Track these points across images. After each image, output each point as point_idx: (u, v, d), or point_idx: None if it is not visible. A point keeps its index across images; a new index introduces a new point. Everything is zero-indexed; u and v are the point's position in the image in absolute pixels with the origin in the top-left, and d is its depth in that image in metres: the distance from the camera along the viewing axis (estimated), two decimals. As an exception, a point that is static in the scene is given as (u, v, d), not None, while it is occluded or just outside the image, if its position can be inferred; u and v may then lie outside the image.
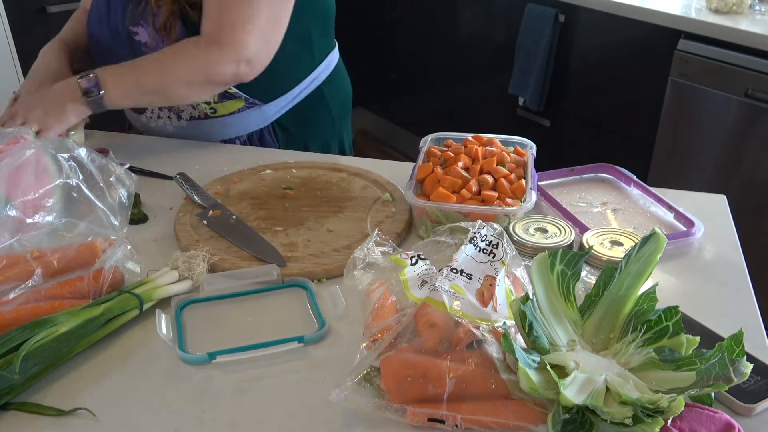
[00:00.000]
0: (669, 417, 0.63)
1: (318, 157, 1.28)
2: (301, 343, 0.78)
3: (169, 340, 0.78)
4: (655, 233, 0.73)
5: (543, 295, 0.73)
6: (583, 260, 0.75)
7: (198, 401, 0.72)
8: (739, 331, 0.66)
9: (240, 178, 1.16)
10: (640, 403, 0.61)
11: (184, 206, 1.07)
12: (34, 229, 0.93)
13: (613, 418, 0.61)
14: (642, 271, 0.72)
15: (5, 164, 0.93)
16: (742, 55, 1.93)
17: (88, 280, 0.85)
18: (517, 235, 0.90)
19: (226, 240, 0.98)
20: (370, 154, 3.57)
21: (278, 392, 0.73)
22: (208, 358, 0.76)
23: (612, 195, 1.13)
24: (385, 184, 1.13)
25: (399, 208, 1.06)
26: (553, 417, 0.63)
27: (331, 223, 1.02)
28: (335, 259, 0.93)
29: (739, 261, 0.96)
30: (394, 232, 0.99)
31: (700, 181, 2.16)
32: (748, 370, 0.63)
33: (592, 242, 0.88)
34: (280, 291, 0.89)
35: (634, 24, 2.19)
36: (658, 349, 0.69)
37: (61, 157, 0.95)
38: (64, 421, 0.70)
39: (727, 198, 1.12)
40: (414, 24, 3.20)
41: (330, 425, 0.69)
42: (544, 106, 2.58)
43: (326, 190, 1.13)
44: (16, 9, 2.53)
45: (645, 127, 2.26)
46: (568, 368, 0.66)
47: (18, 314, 0.80)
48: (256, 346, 0.78)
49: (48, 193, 0.95)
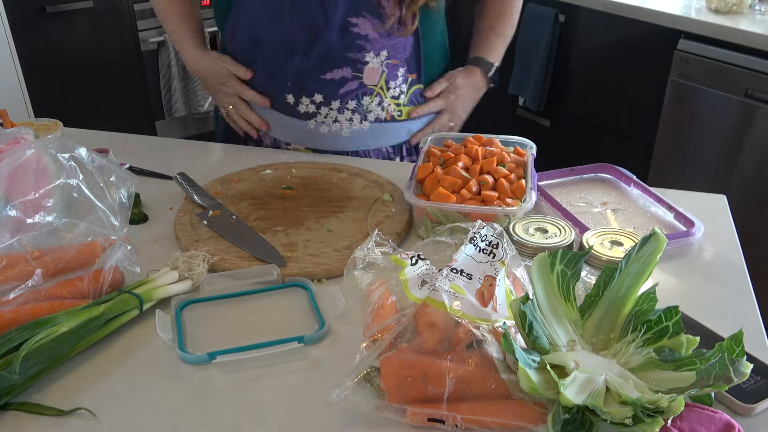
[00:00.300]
0: (669, 417, 0.63)
1: (318, 157, 1.28)
2: (301, 343, 0.78)
3: (169, 340, 0.78)
4: (655, 233, 0.73)
5: (543, 296, 0.73)
6: (583, 260, 0.75)
7: (198, 401, 0.72)
8: (739, 331, 0.66)
9: (240, 178, 1.16)
10: (640, 403, 0.61)
11: (184, 206, 1.07)
12: (34, 229, 0.93)
13: (613, 418, 0.61)
14: (642, 271, 0.72)
15: (5, 164, 0.93)
16: (742, 55, 1.93)
17: (88, 280, 0.85)
18: (517, 235, 0.90)
19: (226, 240, 0.98)
20: (370, 154, 3.57)
21: (278, 392, 0.73)
22: (208, 358, 0.76)
23: (612, 195, 1.13)
24: (385, 184, 1.13)
25: (399, 208, 1.06)
26: (553, 417, 0.63)
27: (331, 223, 1.02)
28: (335, 259, 0.93)
29: (739, 261, 0.96)
30: (394, 232, 0.99)
31: (700, 181, 2.16)
32: (748, 370, 0.63)
33: (592, 242, 0.88)
34: (280, 291, 0.89)
35: (634, 24, 2.19)
36: (658, 349, 0.69)
37: (61, 157, 0.95)
38: (64, 421, 0.70)
39: (727, 198, 1.13)
40: (414, 24, 3.20)
41: (330, 425, 0.69)
42: (544, 106, 2.59)
43: (326, 190, 1.12)
44: (16, 9, 2.53)
45: (645, 127, 2.26)
46: (568, 368, 0.66)
47: (18, 314, 0.80)
48: (256, 346, 0.78)
49: (48, 193, 0.95)
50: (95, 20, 2.74)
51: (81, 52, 2.75)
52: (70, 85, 2.77)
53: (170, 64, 2.91)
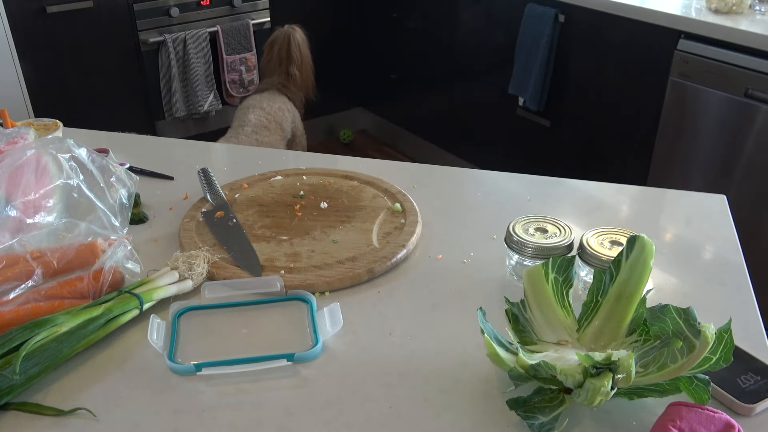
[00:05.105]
0: (620, 374, 0.63)
1: (330, 163, 1.25)
2: (290, 361, 0.76)
3: (159, 347, 0.77)
4: (639, 238, 0.73)
5: (536, 304, 0.75)
6: (572, 265, 0.75)
7: (198, 401, 0.72)
8: (728, 320, 0.66)
9: (249, 183, 1.15)
10: (593, 361, 0.63)
11: (189, 212, 1.06)
12: (35, 229, 0.93)
13: (564, 373, 0.63)
14: (639, 280, 0.72)
15: (6, 164, 0.93)
16: (742, 55, 1.93)
17: (88, 280, 0.85)
18: (517, 235, 0.90)
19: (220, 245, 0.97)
20: (370, 154, 3.57)
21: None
22: (194, 369, 0.75)
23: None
24: (396, 194, 1.11)
25: (408, 219, 1.04)
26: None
27: (338, 234, 1.00)
28: (338, 271, 0.91)
29: (739, 261, 0.96)
30: (401, 244, 0.98)
31: (700, 181, 2.16)
32: (709, 331, 0.63)
33: (592, 242, 0.88)
34: (281, 303, 0.87)
35: (634, 24, 2.19)
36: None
37: (62, 158, 0.95)
38: (64, 421, 0.70)
39: (727, 198, 1.12)
40: (414, 24, 3.20)
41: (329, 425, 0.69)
42: (544, 106, 2.58)
43: (336, 198, 1.10)
44: (16, 9, 2.53)
45: (645, 127, 2.26)
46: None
47: (18, 314, 0.80)
48: (242, 361, 0.75)
49: (48, 193, 0.95)
50: (95, 20, 2.74)
51: (81, 52, 2.74)
52: (70, 85, 2.77)
53: (170, 64, 2.90)
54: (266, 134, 2.34)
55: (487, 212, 1.10)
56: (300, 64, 2.60)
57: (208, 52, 3.00)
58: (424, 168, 1.26)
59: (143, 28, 2.85)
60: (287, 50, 2.58)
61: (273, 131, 2.37)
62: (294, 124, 2.55)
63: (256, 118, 2.36)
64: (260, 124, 2.35)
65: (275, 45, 2.61)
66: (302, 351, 0.77)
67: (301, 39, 2.60)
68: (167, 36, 2.87)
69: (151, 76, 2.94)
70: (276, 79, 2.60)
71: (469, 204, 1.13)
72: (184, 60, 2.95)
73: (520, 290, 0.86)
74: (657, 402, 0.70)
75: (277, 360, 0.76)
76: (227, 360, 0.76)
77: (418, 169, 1.25)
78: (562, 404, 0.66)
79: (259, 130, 2.33)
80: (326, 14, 3.38)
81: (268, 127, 2.36)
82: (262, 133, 2.32)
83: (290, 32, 2.58)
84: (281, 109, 2.46)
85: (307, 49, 2.63)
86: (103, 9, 2.74)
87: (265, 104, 2.43)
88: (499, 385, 0.73)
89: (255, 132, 2.31)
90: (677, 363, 0.64)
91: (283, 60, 2.59)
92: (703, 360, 0.64)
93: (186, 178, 1.20)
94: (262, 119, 2.36)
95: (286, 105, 2.51)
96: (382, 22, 3.39)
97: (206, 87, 3.04)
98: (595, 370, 0.63)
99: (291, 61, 2.58)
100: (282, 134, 2.43)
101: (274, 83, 2.59)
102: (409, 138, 3.50)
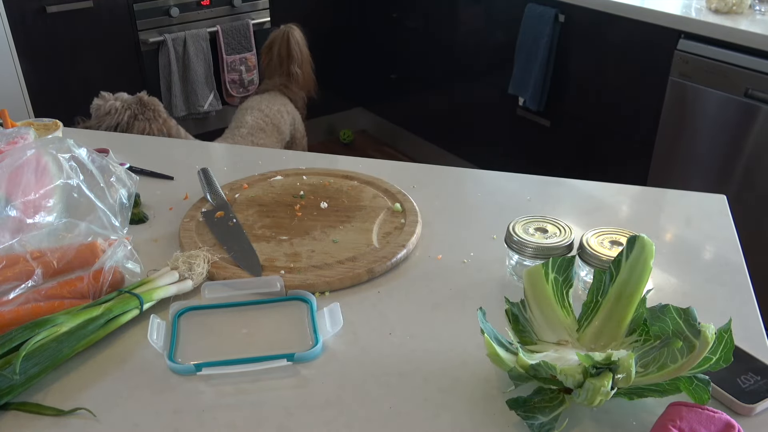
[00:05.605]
0: (620, 374, 0.63)
1: (330, 163, 1.25)
2: (290, 361, 0.76)
3: (159, 347, 0.77)
4: (639, 238, 0.73)
5: (536, 304, 0.75)
6: (572, 265, 0.75)
7: (198, 401, 0.72)
8: (729, 320, 0.66)
9: (249, 183, 1.15)
10: (593, 361, 0.63)
11: (189, 212, 1.06)
12: (35, 229, 0.93)
13: (564, 373, 0.63)
14: (639, 280, 0.72)
15: (6, 164, 0.93)
16: (742, 55, 1.93)
17: (88, 280, 0.85)
18: (517, 235, 0.90)
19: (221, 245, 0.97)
20: (370, 154, 3.57)
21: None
22: (194, 369, 0.75)
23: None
24: (396, 194, 1.11)
25: (408, 219, 1.04)
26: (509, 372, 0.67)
27: (338, 234, 1.00)
28: (338, 271, 0.91)
29: (739, 261, 0.96)
30: (401, 244, 0.98)
31: (700, 181, 2.16)
32: (709, 331, 0.63)
33: (592, 242, 0.88)
34: (281, 303, 0.86)
35: (634, 24, 2.19)
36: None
37: (62, 158, 0.95)
38: (64, 421, 0.70)
39: (727, 198, 1.12)
40: (414, 24, 3.20)
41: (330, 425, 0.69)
42: (544, 106, 2.58)
43: (336, 198, 1.10)
44: (16, 9, 2.53)
45: (645, 127, 2.26)
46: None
47: (18, 314, 0.80)
48: (242, 361, 0.75)
49: (48, 193, 0.95)
50: (95, 20, 2.74)
51: (81, 52, 2.74)
52: (70, 85, 2.77)
53: (170, 64, 2.90)
54: (262, 136, 2.32)
55: (487, 212, 1.10)
56: (301, 62, 2.60)
57: (208, 52, 3.00)
58: (424, 168, 1.26)
59: (143, 28, 2.85)
60: (287, 49, 2.57)
61: (269, 134, 2.35)
62: (294, 127, 2.54)
63: (253, 119, 2.35)
64: (256, 126, 2.33)
65: (274, 45, 2.61)
66: (302, 351, 0.77)
67: (300, 37, 2.59)
68: (167, 36, 2.87)
69: (151, 76, 2.94)
70: (277, 80, 2.59)
71: (469, 204, 1.13)
72: (184, 60, 2.95)
73: (520, 290, 0.86)
74: (657, 402, 0.70)
75: (277, 360, 0.76)
76: (227, 360, 0.76)
77: (418, 169, 1.25)
78: (562, 404, 0.66)
79: (255, 132, 2.31)
80: (326, 14, 3.38)
81: (264, 130, 2.34)
82: (257, 135, 2.31)
83: (288, 31, 2.57)
84: (280, 112, 2.45)
85: (306, 47, 2.63)
86: (103, 9, 2.74)
87: (263, 106, 2.42)
88: (499, 385, 0.73)
89: (251, 134, 2.30)
90: (677, 363, 0.64)
91: (284, 59, 2.59)
92: (703, 360, 0.64)
93: (186, 178, 1.20)
94: (259, 121, 2.35)
95: (286, 107, 2.50)
96: (382, 22, 3.39)
97: (206, 87, 3.04)
98: (595, 370, 0.63)
99: (292, 60, 2.58)
100: (279, 137, 2.41)
101: (275, 84, 2.58)
102: (409, 138, 3.50)
